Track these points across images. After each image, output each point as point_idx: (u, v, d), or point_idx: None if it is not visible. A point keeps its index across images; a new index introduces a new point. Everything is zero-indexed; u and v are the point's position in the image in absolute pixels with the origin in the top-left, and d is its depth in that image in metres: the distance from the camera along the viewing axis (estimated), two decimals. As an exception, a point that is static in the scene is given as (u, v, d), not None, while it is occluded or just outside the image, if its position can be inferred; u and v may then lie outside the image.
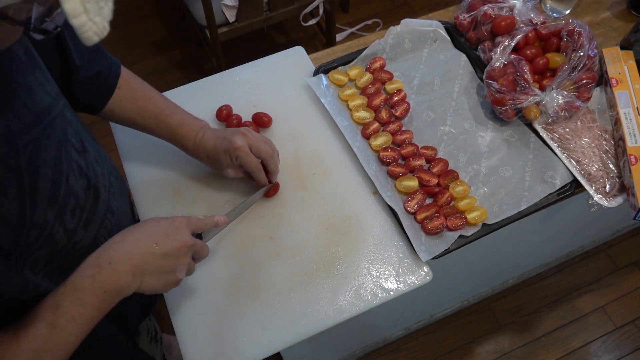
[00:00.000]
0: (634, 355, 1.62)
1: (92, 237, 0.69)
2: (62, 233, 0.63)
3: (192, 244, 0.68)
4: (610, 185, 0.92)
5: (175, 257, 0.66)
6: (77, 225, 0.65)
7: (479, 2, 1.07)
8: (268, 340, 0.79)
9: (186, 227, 0.69)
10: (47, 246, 0.61)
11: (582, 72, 0.96)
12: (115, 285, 0.61)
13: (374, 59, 1.07)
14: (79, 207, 0.65)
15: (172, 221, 0.68)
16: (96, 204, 0.69)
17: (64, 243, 0.64)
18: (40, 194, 0.58)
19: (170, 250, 0.65)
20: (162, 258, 0.64)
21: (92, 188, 0.68)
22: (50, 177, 0.60)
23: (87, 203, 0.67)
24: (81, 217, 0.66)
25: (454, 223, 0.87)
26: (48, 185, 0.60)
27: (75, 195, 0.64)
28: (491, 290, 1.69)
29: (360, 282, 0.84)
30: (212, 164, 0.87)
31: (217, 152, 0.83)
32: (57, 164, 0.62)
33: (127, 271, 0.61)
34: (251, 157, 0.83)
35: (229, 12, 1.73)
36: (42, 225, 0.59)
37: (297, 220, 0.89)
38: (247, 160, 0.82)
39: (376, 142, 0.97)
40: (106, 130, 1.00)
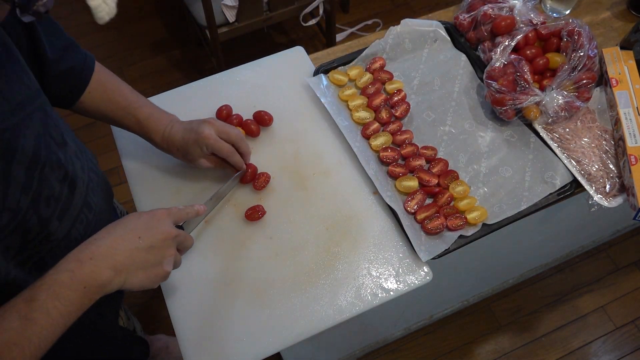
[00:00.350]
0: (634, 355, 1.62)
1: (67, 230, 0.70)
2: (35, 221, 0.63)
3: (176, 234, 0.68)
4: (610, 185, 0.92)
5: (160, 249, 0.65)
6: (51, 215, 0.66)
7: (479, 2, 1.07)
8: (268, 340, 0.79)
9: (167, 218, 0.68)
10: (19, 232, 0.61)
11: (582, 72, 0.96)
12: (96, 281, 0.59)
13: (374, 59, 1.07)
14: (53, 197, 0.66)
15: (152, 214, 0.67)
16: (72, 197, 0.70)
17: (37, 231, 0.64)
18: (14, 181, 0.59)
19: (154, 242, 0.64)
20: (147, 251, 0.64)
21: (68, 180, 0.69)
22: (26, 164, 0.61)
23: (62, 194, 0.68)
24: (56, 207, 0.66)
25: (454, 223, 0.87)
26: (21, 172, 0.60)
27: (50, 185, 0.65)
28: (491, 290, 1.69)
29: (360, 282, 0.84)
30: (183, 157, 0.87)
31: (187, 144, 0.84)
32: (35, 153, 0.62)
33: (109, 267, 0.60)
34: (222, 143, 0.84)
35: (229, 12, 1.73)
36: (15, 210, 0.59)
37: (297, 220, 0.89)
38: (219, 146, 0.83)
39: (376, 142, 0.97)
40: (106, 131, 1.00)
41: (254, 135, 0.98)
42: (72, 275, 0.58)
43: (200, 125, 0.83)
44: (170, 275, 0.68)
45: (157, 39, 2.38)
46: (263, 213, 0.89)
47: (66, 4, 2.50)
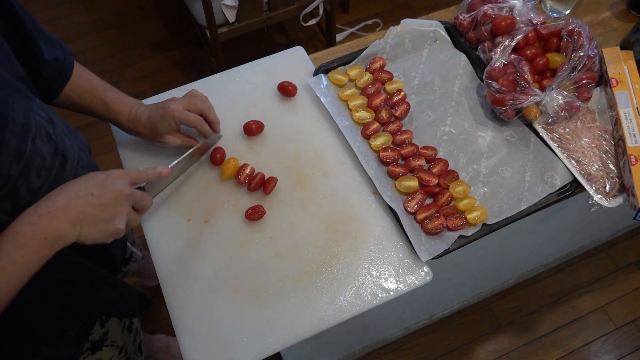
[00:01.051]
0: (634, 355, 1.62)
1: None
2: (25, 190, 0.65)
3: (129, 193, 0.70)
4: (610, 185, 0.92)
5: (112, 206, 0.67)
6: (41, 187, 0.67)
7: (479, 2, 1.07)
8: (268, 340, 0.79)
9: (123, 178, 0.71)
10: (9, 199, 0.63)
11: (582, 72, 0.96)
12: (55, 232, 0.62)
13: (374, 59, 1.07)
14: (44, 169, 0.67)
15: (109, 173, 0.70)
16: (63, 170, 0.71)
17: (26, 201, 0.65)
18: (6, 147, 0.60)
19: (106, 200, 0.67)
20: (98, 208, 0.66)
21: (59, 155, 0.70)
22: (17, 133, 0.62)
23: (53, 167, 0.69)
24: (46, 179, 0.68)
25: (454, 223, 0.87)
26: (14, 140, 0.61)
27: (42, 156, 0.66)
28: (491, 290, 1.69)
29: (360, 282, 0.84)
30: (150, 135, 0.89)
31: (154, 121, 0.86)
32: (25, 123, 0.64)
33: (66, 220, 0.63)
34: (188, 114, 0.87)
35: (229, 12, 1.74)
36: (6, 177, 0.61)
37: (297, 220, 0.89)
38: (185, 116, 0.86)
39: (376, 142, 0.97)
40: (106, 131, 1.00)
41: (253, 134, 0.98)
42: (33, 228, 0.61)
43: (166, 102, 0.87)
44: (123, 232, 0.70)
45: (157, 39, 2.38)
46: (263, 213, 0.89)
47: (66, 4, 2.50)
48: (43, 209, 0.63)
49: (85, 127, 2.00)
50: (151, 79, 2.24)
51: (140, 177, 0.75)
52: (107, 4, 2.51)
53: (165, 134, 0.88)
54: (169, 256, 0.86)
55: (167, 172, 0.80)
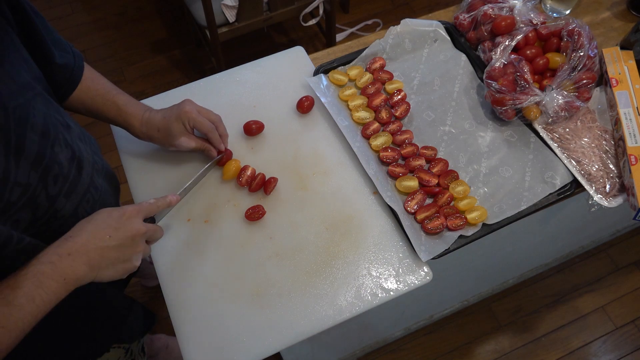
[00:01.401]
0: (634, 355, 1.62)
1: (74, 208, 0.71)
2: (44, 197, 0.65)
3: (145, 231, 0.71)
4: (610, 185, 0.92)
5: (129, 247, 0.69)
6: (59, 193, 0.68)
7: (479, 2, 1.07)
8: (268, 340, 0.79)
9: (137, 215, 0.71)
10: (29, 207, 0.63)
11: (582, 72, 0.96)
12: (74, 274, 0.63)
13: (374, 59, 1.07)
14: (62, 175, 0.68)
15: (123, 212, 0.70)
16: (79, 176, 0.72)
17: (45, 208, 0.66)
18: (26, 156, 0.61)
19: (123, 241, 0.68)
20: (116, 250, 0.67)
21: (76, 160, 0.71)
22: (37, 141, 0.63)
23: (70, 173, 0.70)
24: (64, 185, 0.68)
25: (454, 223, 0.87)
26: (34, 149, 0.62)
27: (60, 163, 0.67)
28: (491, 290, 1.69)
29: (360, 282, 0.84)
30: (163, 137, 0.88)
31: (168, 122, 0.86)
32: (44, 131, 0.64)
33: (84, 262, 0.64)
34: (203, 118, 0.87)
35: (229, 12, 1.74)
36: (25, 186, 0.61)
37: (297, 220, 0.89)
38: (200, 121, 0.86)
39: (376, 142, 0.97)
40: (106, 131, 1.00)
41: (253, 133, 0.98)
42: (53, 267, 0.62)
43: (181, 104, 0.87)
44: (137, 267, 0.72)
45: (157, 39, 2.38)
46: (263, 213, 0.89)
47: (66, 4, 2.50)
48: (63, 249, 0.64)
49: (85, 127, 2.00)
50: (151, 79, 2.24)
51: (152, 210, 0.75)
52: (107, 4, 2.51)
53: (180, 136, 0.87)
54: (169, 256, 0.86)
55: (177, 200, 0.81)
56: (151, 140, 0.89)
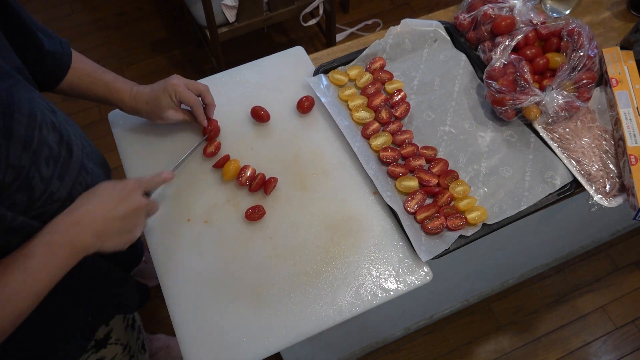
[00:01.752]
0: (634, 355, 1.62)
1: (68, 191, 0.72)
2: (38, 180, 0.66)
3: (145, 204, 0.76)
4: (610, 185, 0.92)
5: (132, 218, 0.73)
6: (52, 175, 0.68)
7: (479, 2, 1.07)
8: (268, 340, 0.79)
9: (138, 189, 0.76)
10: (24, 190, 0.64)
11: (582, 72, 0.96)
12: (81, 243, 0.67)
13: (374, 59, 1.07)
14: (53, 157, 0.68)
15: (124, 185, 0.74)
16: (70, 159, 0.73)
17: (41, 191, 0.66)
18: (15, 138, 0.61)
19: (127, 213, 0.72)
20: (121, 220, 0.71)
21: (64, 143, 0.72)
22: (25, 123, 0.63)
23: (60, 156, 0.70)
24: (55, 167, 0.69)
25: (454, 223, 0.87)
26: (22, 130, 0.63)
27: (49, 145, 0.68)
28: (491, 290, 1.69)
29: (360, 282, 0.84)
30: (151, 109, 0.90)
31: (156, 94, 0.89)
32: (31, 113, 0.65)
33: (91, 232, 0.68)
34: (189, 92, 0.90)
35: (229, 12, 1.73)
36: (18, 168, 0.62)
37: (297, 220, 0.89)
38: (186, 94, 0.90)
39: (376, 142, 0.97)
40: (106, 130, 1.00)
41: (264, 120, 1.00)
42: (62, 237, 0.66)
43: (169, 78, 0.91)
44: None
45: (157, 39, 2.38)
46: (263, 213, 0.89)
47: (66, 4, 2.50)
48: (70, 219, 0.68)
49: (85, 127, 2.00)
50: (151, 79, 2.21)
51: (150, 185, 0.81)
52: (107, 4, 2.51)
53: (167, 109, 0.90)
54: (169, 256, 0.86)
55: (171, 176, 0.85)
56: (139, 113, 0.92)
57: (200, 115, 0.93)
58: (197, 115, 0.93)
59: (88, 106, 2.15)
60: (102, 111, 2.14)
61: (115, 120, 1.01)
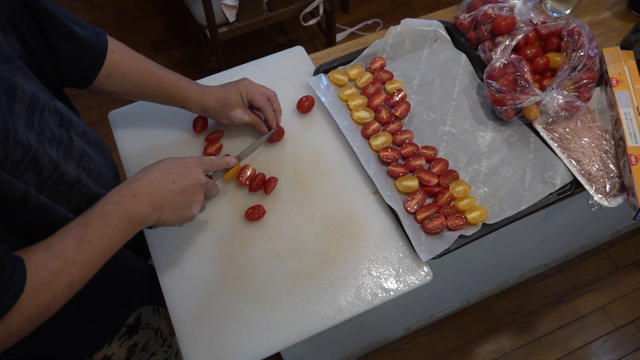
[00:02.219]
0: (634, 355, 1.62)
1: (75, 173, 0.71)
2: (47, 159, 0.65)
3: (205, 182, 0.75)
4: (610, 185, 0.92)
5: (190, 193, 0.72)
6: (57, 156, 0.68)
7: (479, 2, 1.07)
8: (268, 340, 0.79)
9: (199, 167, 0.75)
10: (33, 169, 0.63)
11: (582, 72, 0.96)
12: (138, 214, 0.66)
13: (374, 59, 1.07)
14: (55, 139, 0.68)
15: (185, 161, 0.74)
16: (71, 143, 0.72)
17: (50, 171, 0.66)
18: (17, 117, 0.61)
19: (186, 187, 0.71)
20: (179, 195, 0.71)
21: (64, 127, 0.71)
22: (26, 103, 0.63)
23: (62, 138, 0.70)
24: (59, 149, 0.68)
25: (454, 223, 0.87)
26: (23, 111, 0.62)
27: (50, 128, 0.67)
28: (491, 290, 1.69)
29: (360, 282, 0.84)
30: (220, 107, 0.90)
31: (227, 92, 0.90)
32: (34, 94, 0.64)
33: (148, 203, 0.67)
34: (260, 94, 0.92)
35: (229, 12, 1.73)
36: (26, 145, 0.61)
37: (297, 220, 0.89)
38: (257, 95, 0.91)
39: (376, 142, 0.97)
40: (106, 131, 1.00)
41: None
42: (118, 207, 0.65)
43: (239, 79, 0.92)
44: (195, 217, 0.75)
45: (157, 39, 2.38)
46: (263, 213, 0.89)
47: (66, 4, 2.50)
48: (128, 190, 0.67)
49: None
50: (151, 79, 2.23)
51: (212, 165, 0.80)
52: (107, 4, 2.51)
53: (236, 107, 0.91)
54: (169, 256, 0.86)
55: (234, 162, 0.86)
56: (206, 111, 0.92)
57: (271, 117, 0.93)
58: (268, 116, 0.93)
59: (88, 106, 2.15)
60: (102, 111, 2.14)
61: (115, 120, 1.01)
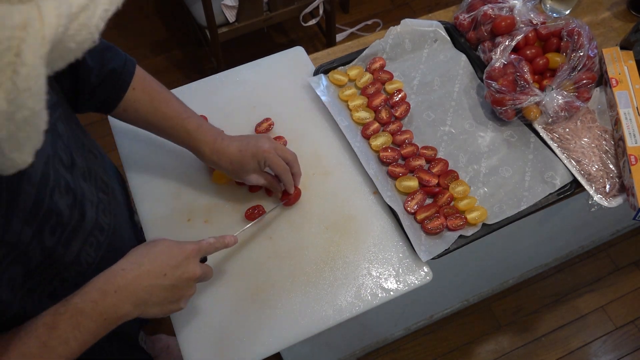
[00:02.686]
0: (634, 355, 1.62)
1: (75, 255, 0.65)
2: (39, 251, 0.59)
3: (200, 275, 0.69)
4: (610, 185, 0.92)
5: (181, 288, 0.67)
6: (56, 243, 0.61)
7: (479, 2, 1.07)
8: (268, 340, 0.79)
9: (196, 256, 0.69)
10: (19, 263, 0.57)
11: (582, 72, 0.96)
12: (116, 313, 0.61)
13: (374, 59, 1.07)
14: (61, 225, 0.61)
15: (183, 249, 0.67)
16: (82, 221, 0.66)
17: (39, 260, 0.60)
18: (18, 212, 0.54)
19: (178, 282, 0.66)
20: (169, 290, 0.65)
21: (78, 205, 0.64)
22: (33, 194, 0.56)
23: (71, 220, 0.63)
24: (62, 234, 0.62)
25: (454, 223, 0.87)
26: (29, 203, 0.55)
27: (59, 212, 0.60)
28: (491, 290, 1.69)
29: (360, 282, 0.84)
30: (234, 169, 0.83)
31: (244, 157, 0.81)
32: (42, 180, 0.57)
33: (130, 301, 0.61)
34: (279, 159, 0.83)
35: (229, 12, 1.73)
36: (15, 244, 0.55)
37: (297, 220, 0.89)
38: (276, 162, 0.82)
39: (376, 142, 0.97)
40: (106, 131, 1.00)
41: None
42: (94, 306, 0.59)
43: (259, 139, 0.83)
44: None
45: (157, 39, 2.38)
46: (263, 212, 0.89)
47: (66, 4, 2.49)
48: (110, 286, 0.60)
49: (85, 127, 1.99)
50: (151, 79, 2.23)
51: (210, 250, 0.72)
52: (107, 4, 2.50)
53: (251, 172, 0.84)
54: (169, 256, 0.86)
55: (234, 241, 0.77)
56: (219, 168, 0.85)
57: (289, 183, 0.86)
58: (285, 182, 0.86)
59: (88, 106, 2.15)
60: (102, 111, 2.14)
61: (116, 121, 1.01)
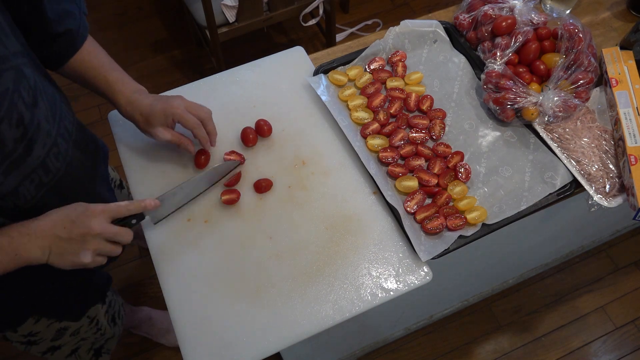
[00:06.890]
0: (634, 355, 1.62)
1: (14, 187, 0.70)
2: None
3: (99, 232, 0.73)
4: (610, 185, 0.92)
5: (77, 242, 0.72)
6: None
7: (479, 2, 1.07)
8: (268, 340, 0.79)
9: (101, 215, 0.73)
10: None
11: (579, 72, 0.96)
12: (26, 253, 0.69)
13: (374, 59, 1.07)
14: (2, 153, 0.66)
15: (87, 208, 0.73)
16: (27, 157, 0.70)
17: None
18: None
19: (74, 236, 0.71)
20: (66, 242, 0.71)
21: (26, 141, 0.69)
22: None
23: (14, 152, 0.68)
24: (2, 163, 0.67)
25: (453, 223, 0.87)
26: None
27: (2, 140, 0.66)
28: (491, 290, 1.69)
29: (360, 282, 0.84)
30: (143, 123, 0.88)
31: (152, 110, 0.86)
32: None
33: (38, 246, 0.69)
34: (189, 115, 0.87)
35: (229, 12, 1.73)
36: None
37: (297, 220, 0.89)
38: (185, 118, 0.87)
39: (373, 142, 0.97)
40: (106, 131, 1.01)
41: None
42: (10, 242, 0.68)
43: (173, 98, 0.89)
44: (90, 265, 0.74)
45: (157, 39, 2.38)
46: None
47: (66, 4, 2.49)
48: (25, 229, 0.69)
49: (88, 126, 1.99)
50: (151, 79, 2.23)
51: (120, 212, 0.77)
52: (107, 4, 2.51)
53: (158, 126, 0.87)
54: (169, 256, 0.86)
55: (154, 205, 0.81)
56: (132, 120, 0.89)
57: (203, 139, 0.90)
58: (199, 137, 0.89)
59: (88, 106, 2.15)
60: (102, 111, 2.14)
61: (115, 121, 1.01)
